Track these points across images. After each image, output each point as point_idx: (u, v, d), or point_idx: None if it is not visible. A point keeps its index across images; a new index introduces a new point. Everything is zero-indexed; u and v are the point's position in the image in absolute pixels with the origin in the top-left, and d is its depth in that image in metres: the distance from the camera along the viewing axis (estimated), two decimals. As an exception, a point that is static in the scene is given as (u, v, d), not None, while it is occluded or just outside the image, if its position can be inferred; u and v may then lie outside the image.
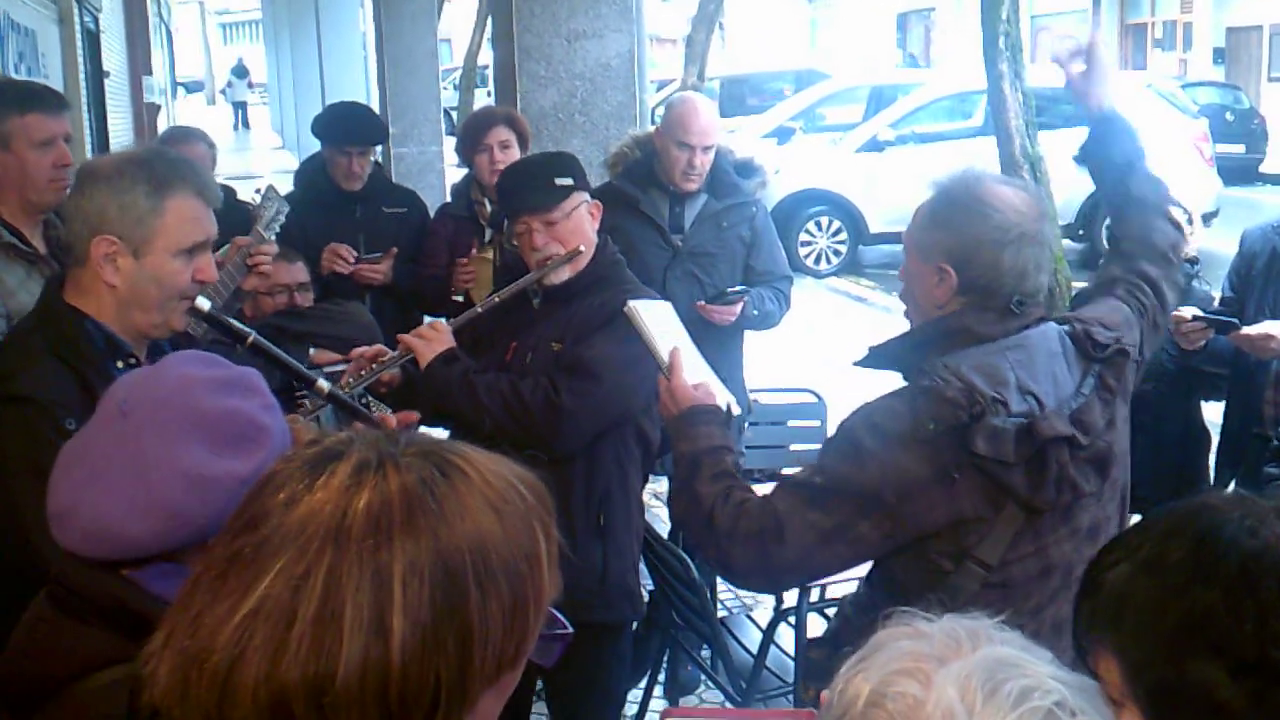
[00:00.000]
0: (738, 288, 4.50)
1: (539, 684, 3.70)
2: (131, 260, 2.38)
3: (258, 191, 3.84)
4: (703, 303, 4.44)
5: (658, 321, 2.86)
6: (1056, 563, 2.44)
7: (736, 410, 2.75)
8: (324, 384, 2.73)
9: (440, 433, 2.87)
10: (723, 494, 2.47)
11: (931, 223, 2.53)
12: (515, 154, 4.85)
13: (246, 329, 2.71)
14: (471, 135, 4.96)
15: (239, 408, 1.57)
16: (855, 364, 2.65)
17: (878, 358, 2.64)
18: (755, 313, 4.57)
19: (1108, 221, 11.71)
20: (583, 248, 3.33)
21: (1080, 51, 3.00)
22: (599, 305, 3.29)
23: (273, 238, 3.61)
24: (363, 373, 3.21)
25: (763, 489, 2.53)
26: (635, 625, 4.79)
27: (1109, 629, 1.41)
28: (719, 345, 4.57)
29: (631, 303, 2.85)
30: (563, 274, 3.32)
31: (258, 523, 1.10)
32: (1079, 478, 2.39)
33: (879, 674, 1.14)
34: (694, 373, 2.73)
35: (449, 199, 5.45)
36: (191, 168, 2.52)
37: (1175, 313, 4.23)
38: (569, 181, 3.34)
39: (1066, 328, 2.57)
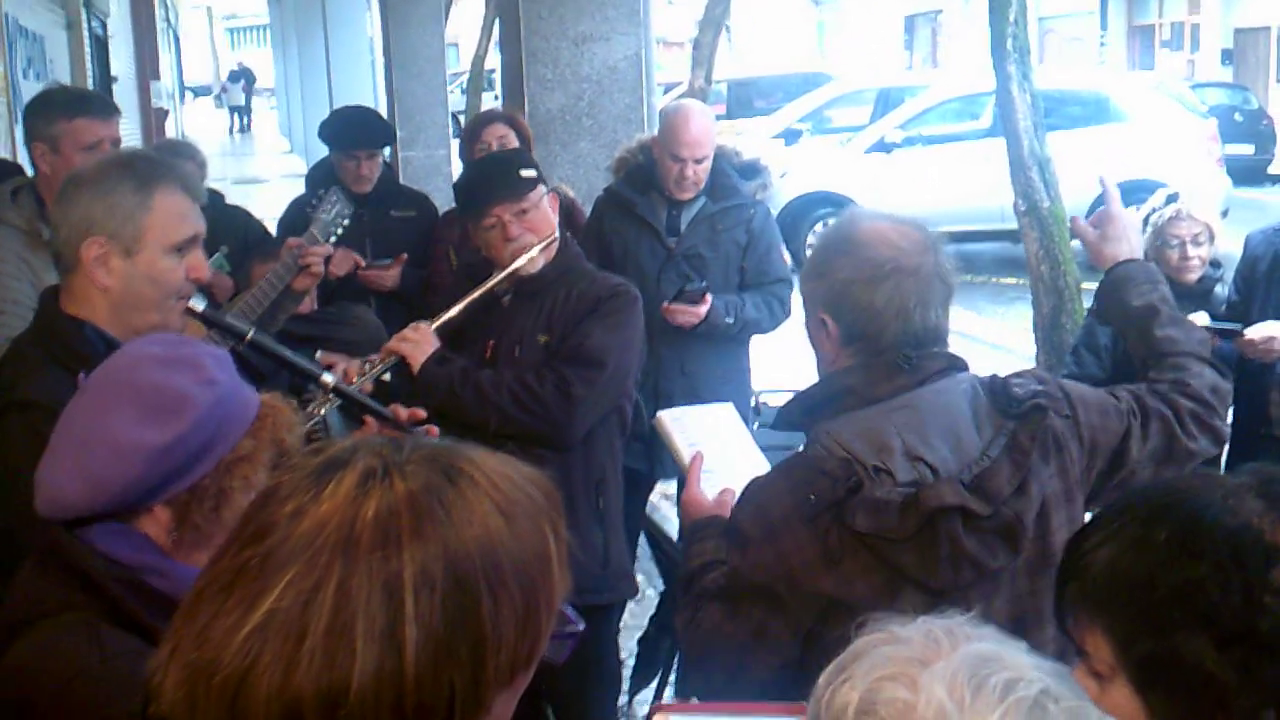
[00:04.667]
0: (700, 284, 4.44)
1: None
2: (123, 260, 2.36)
3: (320, 195, 3.85)
4: (667, 304, 4.40)
5: (690, 428, 2.77)
6: None
7: None
8: (329, 378, 2.70)
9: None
10: (688, 619, 2.30)
11: (808, 271, 2.32)
12: None
13: (245, 326, 2.69)
14: (470, 135, 4.95)
15: (168, 381, 1.68)
16: (768, 428, 2.54)
17: (783, 421, 2.45)
18: (729, 320, 4.48)
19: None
20: (555, 234, 3.34)
21: (1099, 219, 2.66)
22: (576, 296, 3.31)
23: (332, 240, 3.66)
24: (345, 388, 3.09)
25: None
26: (646, 628, 4.80)
27: (1098, 606, 1.48)
28: (722, 351, 4.56)
29: (659, 414, 2.82)
30: (537, 263, 3.31)
31: (263, 534, 1.09)
32: (980, 552, 2.10)
33: (864, 682, 1.15)
34: (725, 475, 2.58)
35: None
36: (175, 165, 2.53)
37: None
38: (533, 173, 3.35)
39: (984, 380, 2.29)
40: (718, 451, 2.68)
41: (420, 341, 3.25)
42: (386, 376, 3.28)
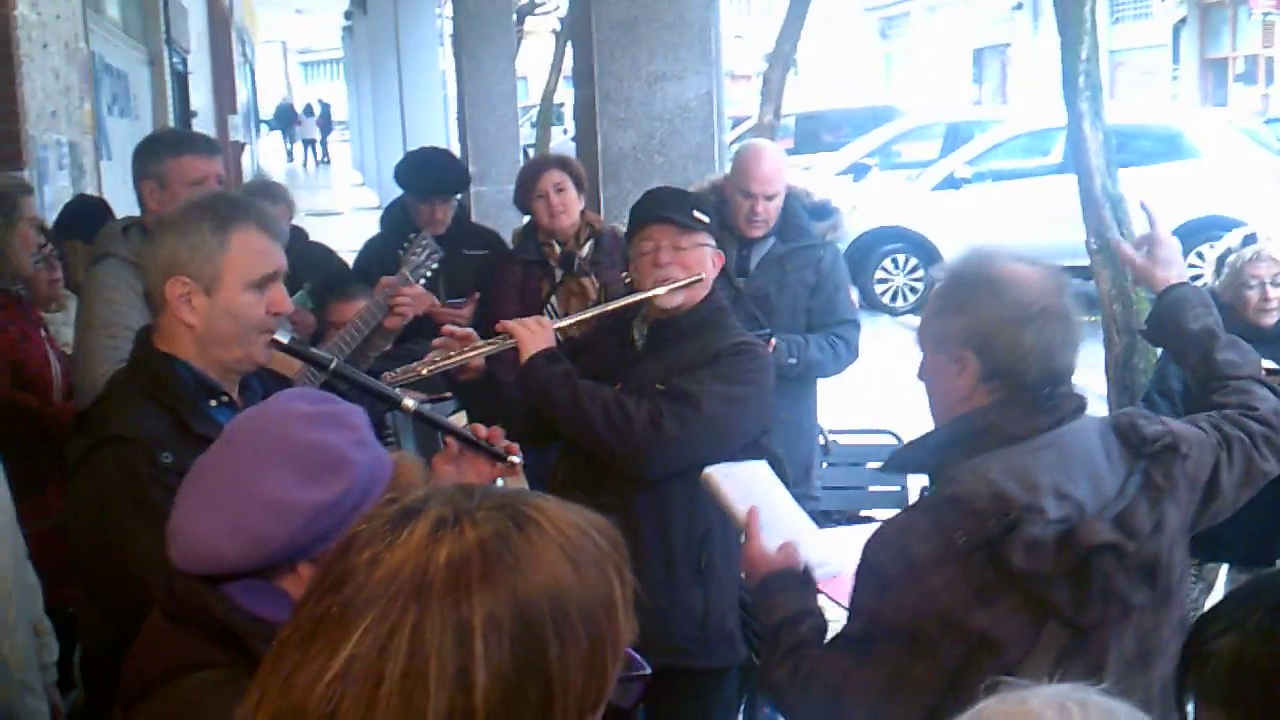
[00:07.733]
0: (763, 332, 4.41)
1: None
2: (205, 298, 2.47)
3: (411, 238, 3.95)
4: None
5: (740, 484, 2.78)
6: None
7: (826, 568, 2.61)
8: (410, 403, 2.70)
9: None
10: (792, 671, 2.32)
11: (943, 308, 2.35)
12: (572, 195, 4.93)
13: (328, 356, 2.76)
14: (526, 183, 5.04)
15: (326, 440, 1.68)
16: (881, 470, 2.55)
17: (903, 462, 2.48)
18: (792, 360, 4.45)
19: (1197, 250, 11.41)
20: (704, 275, 3.29)
21: (1144, 240, 2.81)
22: (702, 348, 3.26)
23: (421, 282, 3.76)
24: (451, 354, 3.16)
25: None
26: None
27: (1221, 696, 1.41)
28: (788, 392, 4.56)
29: (707, 470, 2.80)
30: (676, 298, 3.26)
31: (342, 582, 1.14)
32: (1126, 589, 2.16)
33: None
34: (778, 530, 2.60)
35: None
36: (253, 204, 2.63)
37: None
38: (706, 220, 3.34)
39: (1109, 420, 2.38)
40: (767, 507, 2.68)
41: (537, 334, 3.23)
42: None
